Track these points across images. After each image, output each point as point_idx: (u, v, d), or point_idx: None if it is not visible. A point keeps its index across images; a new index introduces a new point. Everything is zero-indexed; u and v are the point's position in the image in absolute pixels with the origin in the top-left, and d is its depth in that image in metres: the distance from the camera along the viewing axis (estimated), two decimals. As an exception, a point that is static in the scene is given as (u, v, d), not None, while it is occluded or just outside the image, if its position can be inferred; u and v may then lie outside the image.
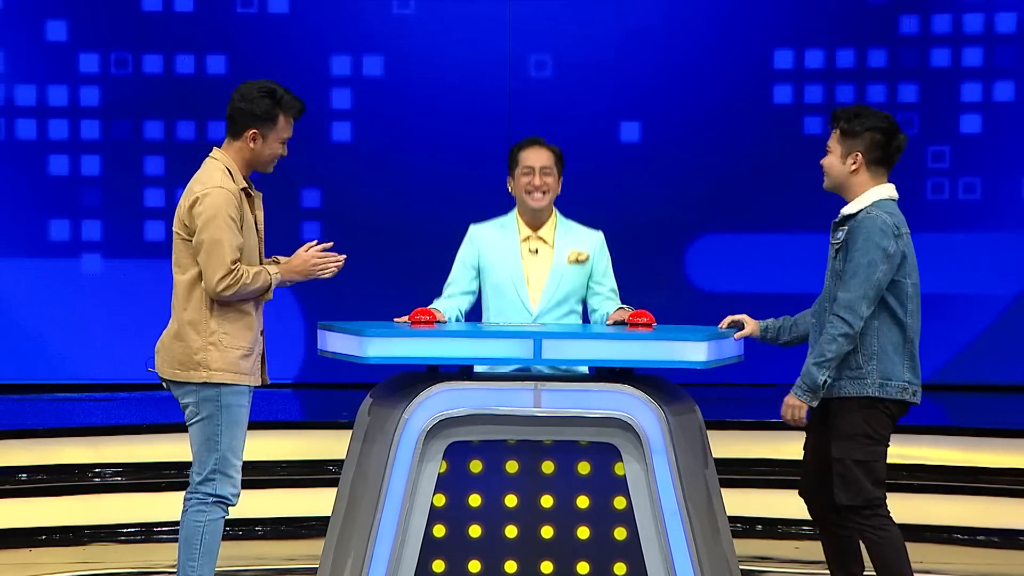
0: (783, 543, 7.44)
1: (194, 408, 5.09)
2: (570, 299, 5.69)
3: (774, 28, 10.67)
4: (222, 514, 5.12)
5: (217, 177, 5.05)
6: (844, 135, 5.11)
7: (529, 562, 4.87)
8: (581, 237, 5.73)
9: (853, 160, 5.10)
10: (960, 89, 10.54)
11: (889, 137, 5.13)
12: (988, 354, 10.64)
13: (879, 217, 5.01)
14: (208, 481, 5.09)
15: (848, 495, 5.04)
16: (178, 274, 5.09)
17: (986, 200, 10.61)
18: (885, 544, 5.05)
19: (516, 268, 5.65)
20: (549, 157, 5.70)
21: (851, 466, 5.03)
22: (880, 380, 5.04)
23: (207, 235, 4.98)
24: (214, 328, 5.06)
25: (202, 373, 5.05)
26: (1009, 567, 7.13)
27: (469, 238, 5.76)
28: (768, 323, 5.35)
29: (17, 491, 7.63)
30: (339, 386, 9.83)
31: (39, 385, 10.56)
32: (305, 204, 10.66)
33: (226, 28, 10.64)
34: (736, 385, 9.84)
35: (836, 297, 5.01)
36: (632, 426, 4.81)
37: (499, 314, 5.69)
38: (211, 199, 5.00)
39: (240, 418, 5.10)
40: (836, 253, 5.09)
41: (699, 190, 10.68)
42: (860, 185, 5.11)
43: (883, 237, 4.99)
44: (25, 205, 10.63)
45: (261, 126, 5.10)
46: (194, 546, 5.08)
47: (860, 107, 5.19)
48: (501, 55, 10.64)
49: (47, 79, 10.60)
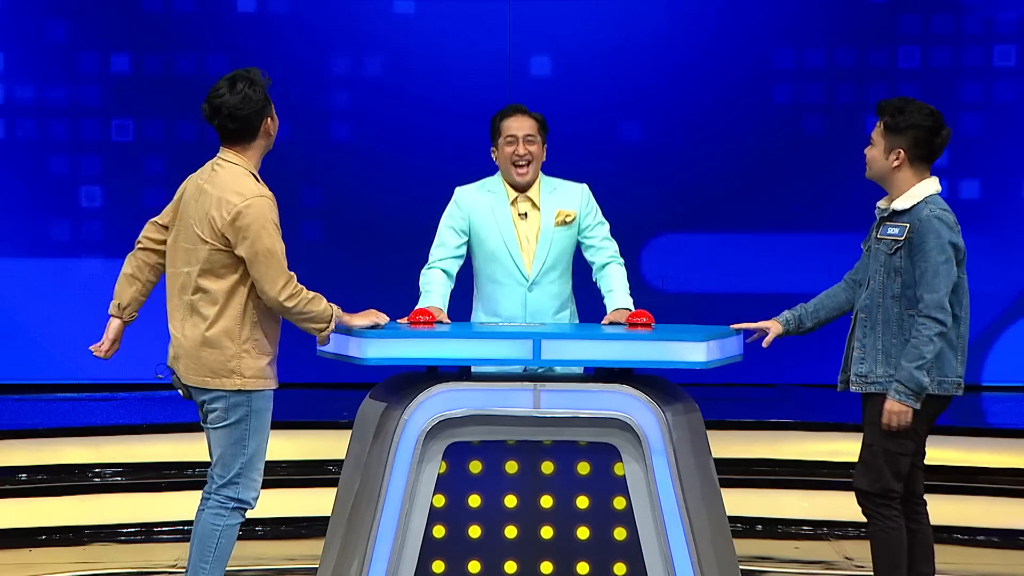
0: (783, 543, 7.44)
1: (222, 413, 5.03)
2: (561, 260, 5.72)
3: (774, 28, 10.67)
4: (240, 520, 5.09)
5: (252, 185, 4.98)
6: (888, 130, 5.13)
7: (529, 562, 4.87)
8: (566, 195, 5.73)
9: (896, 156, 5.13)
10: (960, 89, 10.54)
11: (932, 135, 5.14)
12: (988, 354, 10.64)
13: (944, 214, 5.07)
14: (232, 484, 5.06)
15: (867, 480, 5.10)
16: (211, 282, 4.98)
17: (986, 200, 10.61)
18: (893, 537, 5.10)
19: (509, 234, 5.66)
20: (532, 125, 5.69)
21: (879, 454, 5.09)
22: (938, 378, 5.10)
23: (260, 246, 4.89)
24: (247, 336, 5.00)
25: (236, 381, 4.99)
26: (1009, 567, 7.13)
27: (456, 203, 5.76)
28: (787, 316, 5.36)
29: (17, 491, 7.63)
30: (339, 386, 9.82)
31: (39, 385, 10.56)
32: (305, 204, 10.65)
33: (226, 28, 10.63)
34: (736, 385, 9.83)
35: (921, 297, 5.02)
36: (632, 426, 4.81)
37: (492, 280, 5.69)
38: (256, 208, 4.92)
39: (267, 423, 5.09)
40: (895, 250, 5.09)
41: (699, 190, 10.67)
42: (905, 180, 5.14)
43: (952, 234, 5.07)
44: (25, 205, 10.63)
45: (269, 110, 5.07)
46: (208, 548, 5.04)
47: (905, 100, 5.17)
48: (501, 55, 10.64)
49: (47, 79, 10.59)
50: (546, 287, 5.69)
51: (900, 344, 5.09)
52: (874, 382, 5.13)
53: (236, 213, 4.92)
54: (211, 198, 4.98)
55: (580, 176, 5.89)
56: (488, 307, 5.74)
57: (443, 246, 5.72)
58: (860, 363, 5.16)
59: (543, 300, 5.68)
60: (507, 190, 5.72)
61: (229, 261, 4.96)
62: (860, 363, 5.16)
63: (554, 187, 5.73)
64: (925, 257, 5.02)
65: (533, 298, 5.67)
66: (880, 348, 5.11)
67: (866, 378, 5.14)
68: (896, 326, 5.09)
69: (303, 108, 10.33)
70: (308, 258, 10.47)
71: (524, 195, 5.71)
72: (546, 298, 5.69)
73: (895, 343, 5.10)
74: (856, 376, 5.17)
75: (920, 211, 5.07)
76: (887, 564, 5.11)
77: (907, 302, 5.08)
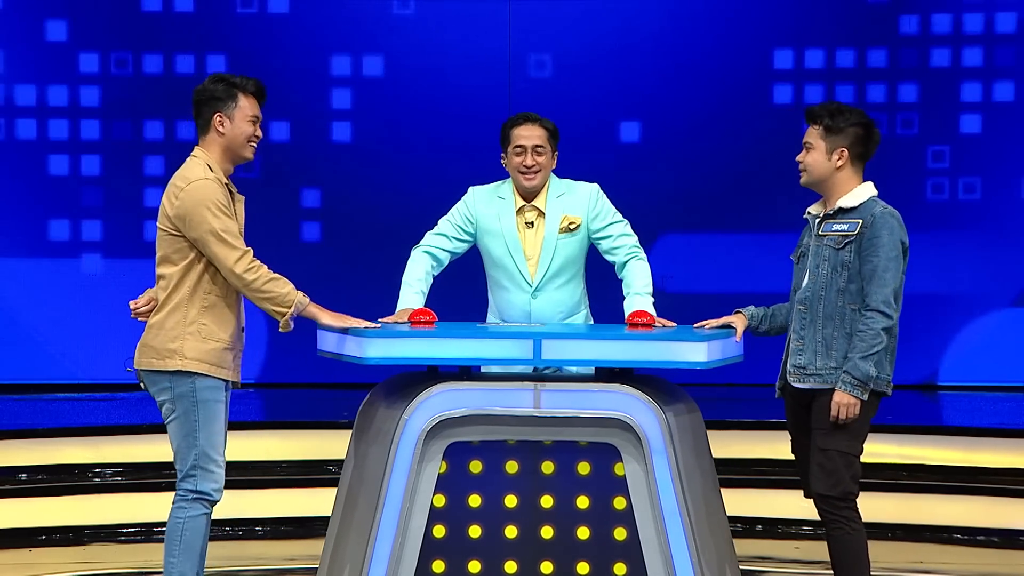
0: (783, 543, 7.44)
1: (170, 405, 5.07)
2: (568, 267, 5.71)
3: (774, 28, 10.67)
4: (204, 511, 5.09)
5: (198, 170, 5.06)
6: (828, 131, 5.20)
7: (529, 562, 4.87)
8: (573, 200, 5.72)
9: (839, 156, 5.20)
10: (960, 89, 10.54)
11: (870, 131, 5.23)
12: (988, 354, 10.64)
13: (896, 212, 5.14)
14: (189, 477, 5.07)
15: (826, 484, 5.10)
16: (167, 268, 5.07)
17: (986, 200, 10.61)
18: (855, 539, 5.12)
19: (514, 241, 5.67)
20: (542, 135, 5.70)
21: (835, 456, 5.09)
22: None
23: (206, 226, 4.97)
24: (193, 319, 5.04)
25: (177, 361, 5.02)
26: (1009, 567, 7.13)
27: (467, 204, 5.76)
28: (752, 311, 5.39)
29: (17, 491, 7.63)
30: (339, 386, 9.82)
31: (39, 385, 10.56)
32: (305, 204, 10.65)
33: (226, 28, 10.64)
34: (736, 385, 9.84)
35: (868, 292, 5.06)
36: (632, 426, 4.81)
37: (498, 285, 5.73)
38: (197, 190, 5.00)
39: (217, 412, 5.07)
40: (844, 245, 5.12)
41: (699, 190, 10.68)
42: (847, 180, 5.21)
43: (903, 233, 5.13)
44: (25, 205, 10.63)
45: (223, 107, 5.11)
46: (175, 542, 5.08)
47: (837, 104, 5.28)
48: (501, 55, 10.64)
49: (47, 79, 10.60)
50: (551, 293, 5.69)
51: (842, 337, 5.11)
52: (813, 374, 5.13)
53: (180, 196, 5.02)
54: (168, 187, 5.11)
55: (580, 176, 5.89)
56: (498, 312, 5.79)
57: (441, 236, 5.75)
58: (799, 354, 5.17)
59: (548, 306, 5.69)
60: (516, 197, 5.72)
61: (182, 245, 5.04)
62: (799, 354, 5.17)
63: (562, 191, 5.72)
64: (877, 252, 5.07)
65: (538, 305, 5.68)
66: (820, 340, 5.13)
67: (804, 369, 5.15)
68: (838, 319, 5.13)
69: (303, 108, 10.33)
70: (308, 258, 10.49)
71: (531, 204, 5.71)
72: (551, 304, 5.69)
73: (836, 336, 5.12)
74: (794, 367, 5.17)
75: (872, 207, 5.14)
76: (853, 566, 5.12)
77: (850, 296, 5.12)
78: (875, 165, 5.34)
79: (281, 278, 5.04)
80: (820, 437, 5.12)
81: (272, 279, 5.00)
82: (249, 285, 4.98)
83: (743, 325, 5.31)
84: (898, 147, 10.48)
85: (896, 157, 10.37)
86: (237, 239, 5.00)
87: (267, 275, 5.00)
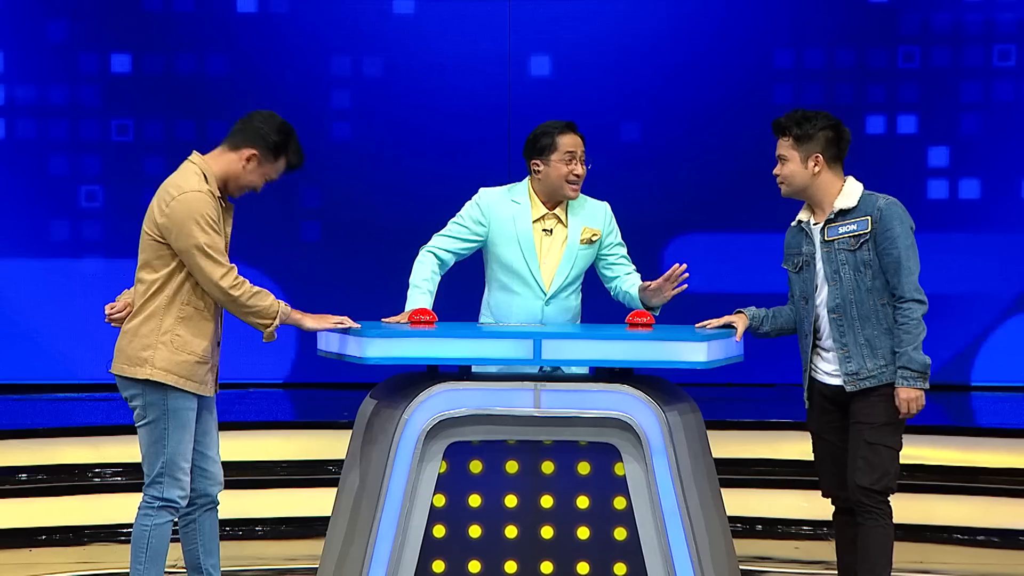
0: (783, 543, 7.44)
1: (141, 411, 5.08)
2: (580, 277, 5.73)
3: (774, 28, 10.67)
4: (169, 518, 5.12)
5: (194, 181, 5.03)
6: (799, 141, 5.22)
7: (529, 562, 4.87)
8: (592, 212, 5.72)
9: (815, 162, 5.23)
10: (960, 89, 10.54)
11: (839, 131, 5.26)
12: (988, 354, 10.64)
13: (896, 201, 5.19)
14: (155, 484, 5.09)
15: (872, 478, 5.14)
16: (148, 273, 5.05)
17: (986, 200, 10.61)
18: (888, 534, 5.17)
19: (530, 248, 5.63)
20: (582, 144, 5.68)
21: (883, 451, 5.15)
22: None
23: (192, 240, 4.95)
24: (167, 328, 5.03)
25: (146, 370, 5.02)
26: (1009, 567, 7.13)
27: (479, 206, 5.68)
28: (753, 311, 5.39)
29: (17, 491, 7.63)
30: (339, 386, 9.83)
31: (39, 385, 10.57)
32: (305, 204, 10.65)
33: (226, 28, 10.64)
34: (736, 385, 9.84)
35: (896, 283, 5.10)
36: (632, 426, 4.81)
37: (505, 289, 5.67)
38: (189, 201, 4.98)
39: (187, 421, 5.08)
40: (860, 244, 5.14)
41: (700, 190, 10.68)
42: (829, 183, 5.24)
43: (909, 218, 5.18)
44: (25, 205, 10.63)
45: (263, 152, 5.09)
46: (141, 549, 5.11)
47: (801, 111, 5.29)
48: (501, 55, 10.64)
49: (47, 79, 10.59)
50: (562, 301, 5.68)
51: (883, 334, 5.14)
52: (867, 377, 5.16)
53: (170, 205, 4.99)
54: (159, 192, 5.08)
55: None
56: (499, 314, 5.72)
57: (450, 237, 5.67)
58: (847, 362, 5.18)
59: (558, 313, 5.68)
60: (534, 203, 5.68)
61: (164, 252, 5.02)
62: (847, 362, 5.18)
63: (580, 203, 5.70)
64: (895, 243, 5.11)
65: (550, 311, 5.66)
66: (864, 343, 5.16)
67: (857, 375, 5.17)
68: (874, 318, 5.16)
69: (303, 108, 10.33)
70: (307, 258, 10.49)
71: (552, 212, 5.68)
72: (561, 311, 5.69)
73: (877, 334, 5.15)
74: (847, 376, 5.19)
75: (873, 201, 5.18)
76: (882, 562, 5.15)
77: (879, 293, 5.16)
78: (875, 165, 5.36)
79: (263, 291, 5.05)
80: (868, 431, 5.16)
81: (255, 293, 5.01)
82: (235, 300, 4.99)
83: (744, 325, 5.31)
84: (898, 147, 10.49)
85: (896, 157, 10.38)
86: (223, 255, 5.00)
87: (251, 290, 5.00)
